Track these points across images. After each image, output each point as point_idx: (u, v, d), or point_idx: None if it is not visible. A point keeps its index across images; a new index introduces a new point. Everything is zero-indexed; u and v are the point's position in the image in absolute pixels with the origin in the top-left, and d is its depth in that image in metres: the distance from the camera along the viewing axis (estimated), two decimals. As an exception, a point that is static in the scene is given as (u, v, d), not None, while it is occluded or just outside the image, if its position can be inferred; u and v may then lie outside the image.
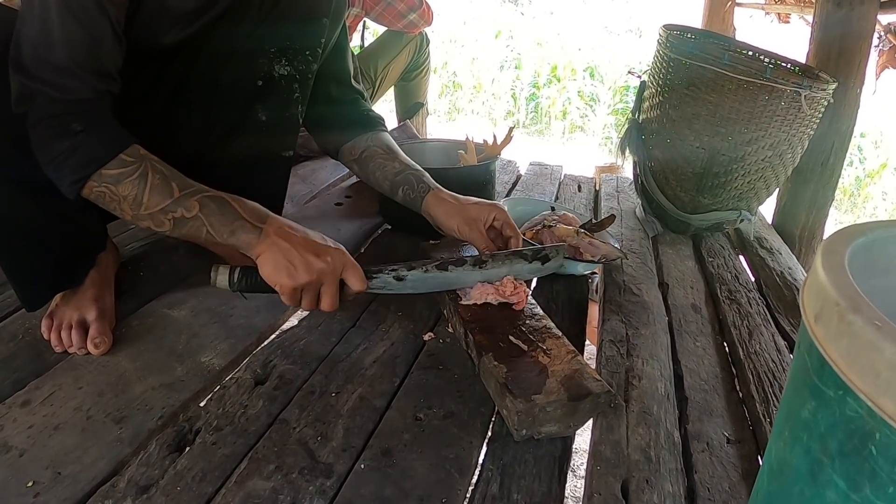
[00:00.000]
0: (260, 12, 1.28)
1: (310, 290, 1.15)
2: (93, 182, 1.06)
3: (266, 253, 1.12)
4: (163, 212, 1.09)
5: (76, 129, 1.05)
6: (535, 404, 1.00)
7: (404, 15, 2.87)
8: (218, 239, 1.12)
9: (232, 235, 1.11)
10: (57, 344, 1.19)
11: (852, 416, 0.46)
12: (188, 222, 1.10)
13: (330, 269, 1.14)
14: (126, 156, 1.07)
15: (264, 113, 1.37)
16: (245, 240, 1.12)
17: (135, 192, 1.07)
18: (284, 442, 1.00)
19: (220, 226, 1.11)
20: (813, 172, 2.31)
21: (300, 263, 1.12)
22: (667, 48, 1.93)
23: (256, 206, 1.16)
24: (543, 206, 1.90)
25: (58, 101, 1.05)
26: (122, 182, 1.06)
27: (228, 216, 1.11)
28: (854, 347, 0.46)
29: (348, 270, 1.17)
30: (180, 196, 1.09)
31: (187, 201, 1.09)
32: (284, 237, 1.13)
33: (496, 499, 0.93)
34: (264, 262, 1.12)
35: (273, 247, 1.12)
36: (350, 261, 1.18)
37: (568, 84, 9.20)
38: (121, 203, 1.08)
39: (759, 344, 1.45)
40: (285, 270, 1.12)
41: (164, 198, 1.08)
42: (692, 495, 1.00)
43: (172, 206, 1.09)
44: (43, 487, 0.89)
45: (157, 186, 1.08)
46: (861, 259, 0.60)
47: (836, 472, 0.48)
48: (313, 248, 1.14)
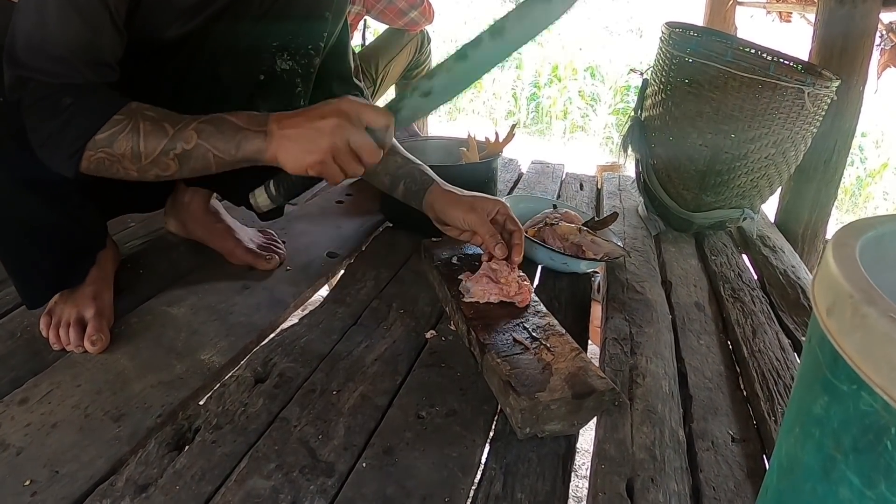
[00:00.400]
0: (262, 7, 1.28)
1: (341, 155, 1.08)
2: (89, 151, 1.04)
3: (280, 151, 1.08)
4: (163, 153, 1.07)
5: (67, 103, 1.03)
6: (538, 402, 0.99)
7: (405, 13, 2.86)
8: (227, 158, 1.09)
9: (239, 149, 1.08)
10: (55, 341, 1.18)
11: (867, 410, 0.45)
12: (192, 153, 1.07)
13: (343, 122, 1.07)
14: (118, 115, 1.06)
15: (266, 108, 1.36)
16: (254, 148, 1.09)
17: (130, 145, 1.05)
18: (285, 440, 0.99)
19: (223, 144, 1.08)
20: (816, 171, 2.30)
21: (314, 135, 1.06)
22: (669, 45, 1.92)
23: (252, 113, 1.12)
24: (546, 203, 1.89)
25: (47, 85, 1.03)
26: (116, 140, 1.05)
27: (229, 132, 1.08)
28: (869, 340, 0.45)
29: (365, 112, 1.09)
30: (175, 132, 1.07)
31: (183, 133, 1.07)
32: (288, 126, 1.08)
33: (500, 498, 0.92)
34: (284, 160, 1.09)
35: (281, 140, 1.08)
36: (361, 103, 1.10)
37: (569, 84, 9.21)
38: (122, 162, 1.06)
39: (763, 342, 1.44)
40: (304, 151, 1.07)
41: (159, 140, 1.06)
42: (697, 494, 1.00)
43: (170, 143, 1.06)
44: (40, 486, 0.88)
45: (149, 132, 1.06)
46: (870, 253, 0.59)
47: (850, 469, 0.47)
48: (317, 115, 1.08)
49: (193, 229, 1.56)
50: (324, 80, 1.46)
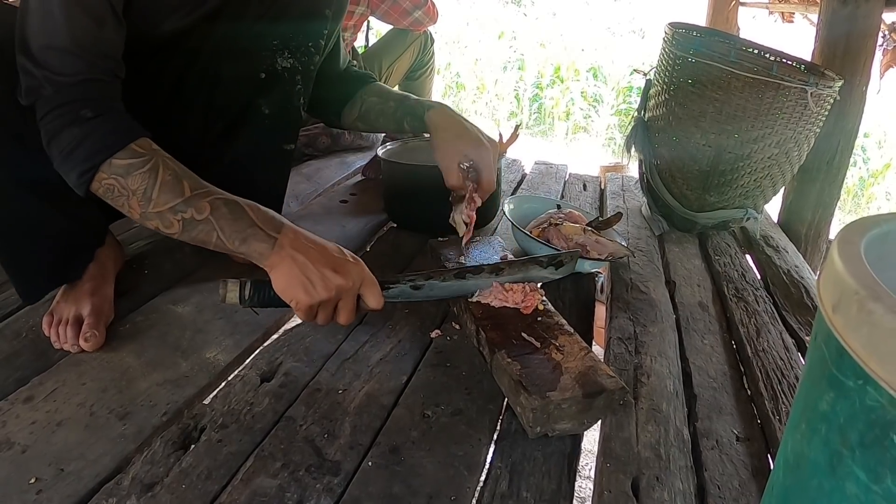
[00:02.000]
0: (263, 5, 1.28)
1: (327, 306, 1.10)
2: (102, 173, 1.03)
3: (280, 266, 1.07)
4: (172, 211, 1.05)
5: (87, 116, 1.03)
6: (550, 401, 1.00)
7: (409, 12, 2.87)
8: (229, 246, 1.07)
9: (244, 243, 1.07)
10: (56, 340, 1.18)
11: (873, 405, 0.45)
12: (198, 225, 1.06)
13: (348, 285, 1.09)
14: (137, 146, 1.05)
15: (267, 106, 1.37)
16: (258, 249, 1.07)
17: (144, 185, 1.04)
18: (291, 439, 0.99)
19: (231, 232, 1.06)
20: (819, 171, 2.31)
21: (318, 279, 1.07)
22: (672, 46, 1.92)
23: (271, 214, 1.11)
24: (549, 203, 1.89)
25: (65, 89, 1.03)
26: (132, 174, 1.04)
27: (241, 222, 1.07)
28: (875, 336, 0.45)
29: (366, 287, 1.12)
30: (191, 196, 1.05)
31: (198, 202, 1.05)
32: (300, 250, 1.08)
33: (505, 496, 0.93)
34: (279, 276, 1.08)
35: (288, 259, 1.07)
36: (368, 276, 1.13)
37: (571, 85, 9.20)
38: (129, 198, 1.05)
39: (767, 342, 1.44)
40: (301, 286, 1.07)
41: (174, 196, 1.04)
42: (702, 493, 1.00)
43: (182, 205, 1.05)
44: (45, 484, 0.88)
45: (167, 182, 1.05)
46: (876, 250, 0.59)
47: (857, 464, 0.47)
48: (331, 263, 1.08)
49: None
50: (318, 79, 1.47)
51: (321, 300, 1.08)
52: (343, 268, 1.09)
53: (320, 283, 1.07)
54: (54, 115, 1.03)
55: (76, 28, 1.03)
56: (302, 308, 1.09)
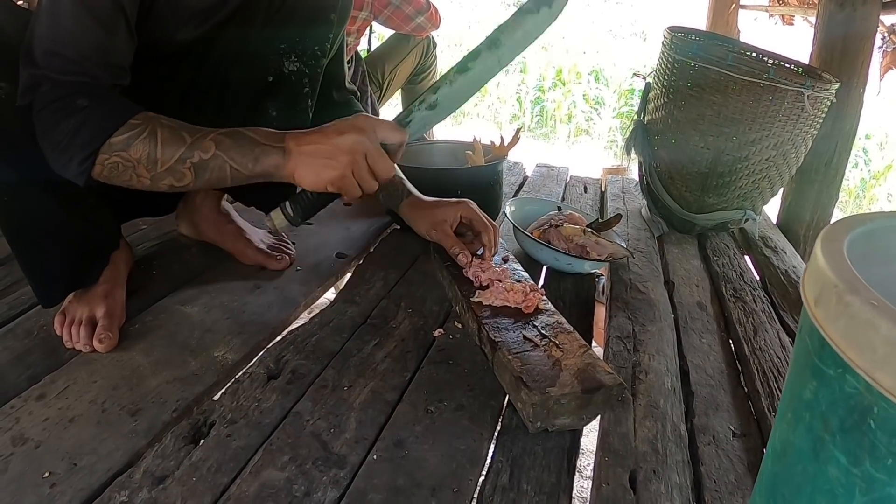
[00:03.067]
0: (270, 11, 1.30)
1: (359, 169, 1.12)
2: (103, 154, 1.05)
3: (299, 166, 1.10)
4: (180, 161, 1.07)
5: (81, 105, 1.04)
6: (549, 397, 1.02)
7: (412, 18, 2.89)
8: (244, 171, 1.10)
9: (257, 163, 1.10)
10: (68, 340, 1.20)
11: (851, 392, 0.48)
12: (208, 164, 1.08)
13: (361, 137, 1.11)
14: (133, 120, 1.07)
15: (275, 109, 1.39)
16: (272, 163, 1.10)
17: (147, 150, 1.06)
18: (298, 434, 1.01)
19: (241, 157, 1.09)
20: (817, 172, 2.33)
21: (334, 151, 1.10)
22: (671, 50, 1.95)
23: (270, 131, 1.13)
24: (550, 206, 1.91)
25: (60, 85, 1.04)
26: (133, 145, 1.05)
27: (247, 146, 1.10)
28: (852, 326, 0.48)
29: (381, 129, 1.14)
30: (193, 141, 1.08)
31: (202, 143, 1.08)
32: (306, 142, 1.11)
33: (506, 489, 0.95)
34: (303, 176, 1.11)
35: (301, 156, 1.10)
36: (375, 120, 1.15)
37: (573, 87, 9.23)
38: (136, 168, 1.07)
39: (764, 340, 1.46)
40: (324, 168, 1.10)
41: (177, 147, 1.07)
42: (699, 486, 1.02)
43: (188, 152, 1.07)
44: (59, 478, 0.90)
45: (167, 139, 1.07)
46: (861, 248, 0.61)
47: (838, 448, 0.50)
48: (336, 131, 1.11)
49: (205, 231, 1.59)
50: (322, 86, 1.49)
51: (346, 164, 1.10)
52: (346, 128, 1.12)
53: (337, 152, 1.10)
54: (50, 109, 1.04)
55: (85, 36, 1.05)
56: (337, 183, 1.12)
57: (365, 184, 1.14)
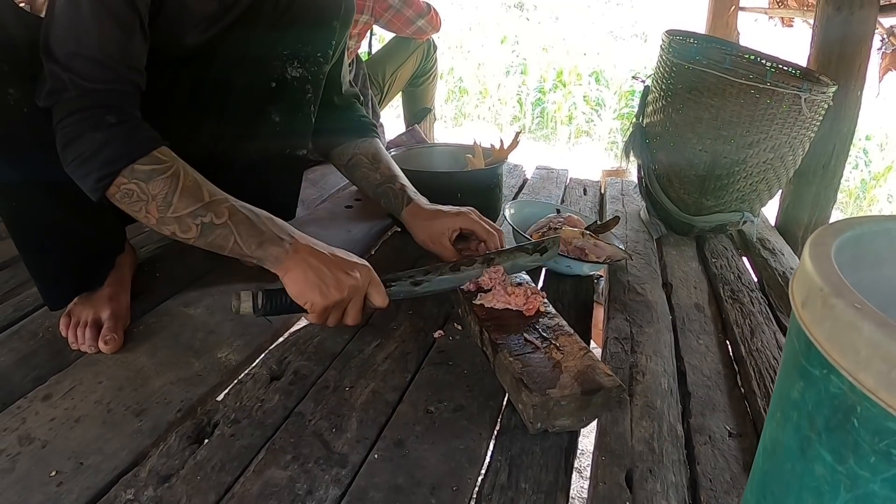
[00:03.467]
0: (273, 16, 1.32)
1: (338, 308, 1.16)
2: (122, 178, 1.05)
3: (295, 270, 1.13)
4: (192, 215, 1.08)
5: (111, 122, 1.05)
6: (549, 398, 1.04)
7: (413, 21, 2.91)
8: (245, 250, 1.12)
9: (260, 247, 1.12)
10: (73, 341, 1.21)
11: (836, 392, 0.50)
12: (216, 229, 1.10)
13: (358, 285, 1.16)
14: (160, 153, 1.08)
15: (278, 114, 1.41)
16: (273, 253, 1.13)
17: (165, 191, 1.07)
18: (300, 434, 1.03)
19: (248, 236, 1.11)
20: (815, 174, 2.34)
21: (331, 281, 1.13)
22: (669, 53, 1.96)
23: (282, 223, 1.17)
24: (549, 208, 1.93)
25: (90, 94, 1.05)
26: (154, 179, 1.06)
27: (257, 228, 1.12)
28: (836, 328, 0.49)
29: (373, 287, 1.20)
30: (210, 201, 1.10)
31: (217, 207, 1.10)
32: (313, 254, 1.14)
33: (505, 488, 0.96)
34: (293, 280, 1.13)
35: (302, 263, 1.13)
36: (375, 277, 1.21)
37: (574, 89, 9.24)
38: (148, 203, 1.07)
39: (761, 342, 1.48)
40: (316, 288, 1.13)
41: (194, 201, 1.08)
42: (694, 485, 1.03)
43: (202, 210, 1.08)
44: (66, 477, 0.92)
45: (188, 188, 1.08)
46: (849, 252, 0.63)
47: (823, 447, 0.52)
48: (342, 266, 1.15)
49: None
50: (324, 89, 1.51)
51: (335, 301, 1.14)
52: (353, 269, 1.16)
53: (333, 285, 1.13)
54: (76, 118, 1.05)
55: (106, 37, 1.06)
56: (317, 310, 1.14)
57: (332, 321, 1.18)
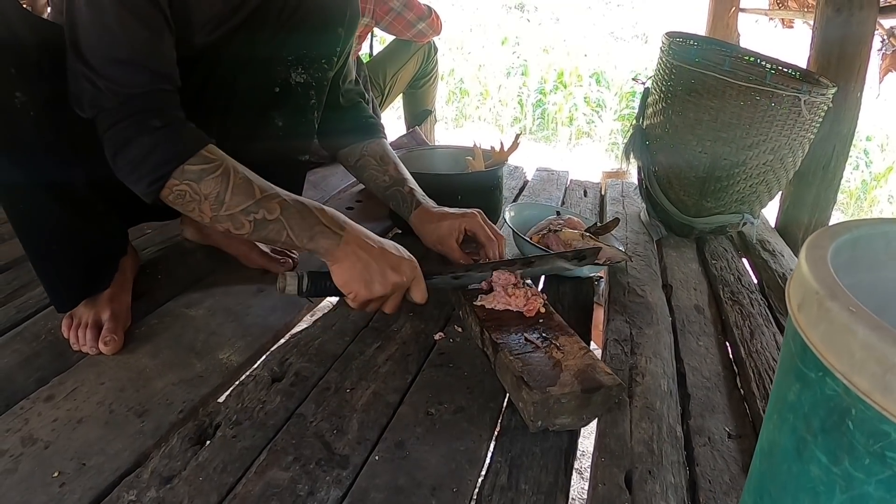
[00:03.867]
0: (278, 20, 1.32)
1: (380, 300, 1.19)
2: (174, 179, 1.07)
3: (344, 261, 1.15)
4: (244, 212, 1.10)
5: (156, 125, 1.06)
6: (550, 396, 1.04)
7: (413, 24, 2.92)
8: (297, 243, 1.14)
9: (311, 240, 1.14)
10: (74, 342, 1.21)
11: (831, 394, 0.50)
12: (269, 224, 1.12)
13: (403, 282, 1.19)
14: (207, 153, 1.09)
15: (281, 119, 1.41)
16: (325, 245, 1.15)
17: (217, 189, 1.08)
18: (302, 435, 1.04)
19: (300, 230, 1.13)
20: (815, 176, 2.34)
21: (378, 276, 1.16)
22: (669, 55, 1.97)
23: (335, 213, 1.18)
24: (549, 210, 1.93)
25: (130, 100, 1.06)
26: (205, 179, 1.08)
27: (309, 220, 1.14)
28: (831, 331, 0.50)
29: (415, 284, 1.22)
30: (262, 197, 1.11)
31: (269, 203, 1.11)
32: (364, 247, 1.16)
33: (505, 489, 0.97)
34: (342, 270, 1.16)
35: (352, 256, 1.15)
36: (419, 274, 1.23)
37: (574, 90, 9.24)
38: (201, 203, 1.09)
39: (761, 343, 1.48)
40: (363, 281, 1.15)
41: (246, 198, 1.10)
42: (694, 487, 1.04)
43: (254, 206, 1.10)
44: (68, 477, 0.92)
45: (239, 185, 1.10)
46: (846, 255, 0.64)
47: (819, 448, 0.52)
48: (391, 262, 1.18)
49: (209, 234, 1.61)
50: (330, 89, 1.52)
51: (378, 295, 1.17)
52: (400, 266, 1.19)
53: (379, 280, 1.16)
54: (121, 126, 1.06)
55: (136, 40, 1.06)
56: (359, 301, 1.18)
57: (370, 308, 1.22)
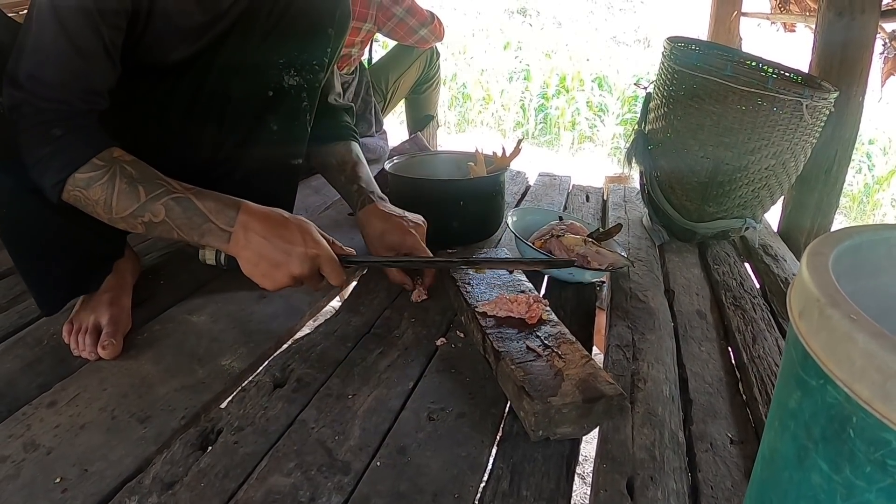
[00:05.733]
0: (267, 24, 1.33)
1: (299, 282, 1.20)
2: (69, 186, 1.10)
3: (241, 255, 1.16)
4: (132, 216, 1.12)
5: (56, 134, 1.09)
6: (551, 406, 1.04)
7: (415, 30, 2.92)
8: (189, 240, 1.16)
9: (202, 237, 1.15)
10: (75, 348, 1.22)
11: (832, 402, 0.50)
12: (158, 226, 1.14)
13: (304, 272, 1.18)
14: (98, 160, 1.11)
15: (275, 123, 1.42)
16: (216, 243, 1.16)
17: (104, 196, 1.11)
18: (303, 441, 1.04)
19: (188, 229, 1.14)
20: (817, 180, 2.34)
21: (273, 270, 1.16)
22: (671, 60, 1.97)
23: (223, 203, 1.16)
24: (552, 215, 1.93)
25: (42, 112, 1.09)
26: (92, 186, 1.10)
27: (196, 219, 1.14)
28: (832, 339, 0.50)
29: (325, 264, 1.20)
30: (146, 200, 1.12)
31: (153, 205, 1.12)
32: (252, 244, 1.15)
33: (507, 495, 0.97)
34: (243, 266, 1.17)
35: (244, 252, 1.16)
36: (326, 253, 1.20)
37: (576, 94, 9.25)
38: (95, 207, 1.12)
39: (763, 348, 1.48)
40: (262, 276, 1.17)
41: (131, 202, 1.12)
42: (696, 493, 1.03)
43: (140, 210, 1.12)
44: (70, 483, 0.92)
45: (123, 191, 1.11)
46: (848, 262, 0.64)
47: (820, 456, 0.52)
48: (285, 250, 1.16)
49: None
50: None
51: (284, 285, 1.18)
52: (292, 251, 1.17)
53: (281, 273, 1.16)
54: (30, 132, 1.09)
55: (63, 62, 1.09)
56: (271, 292, 1.20)
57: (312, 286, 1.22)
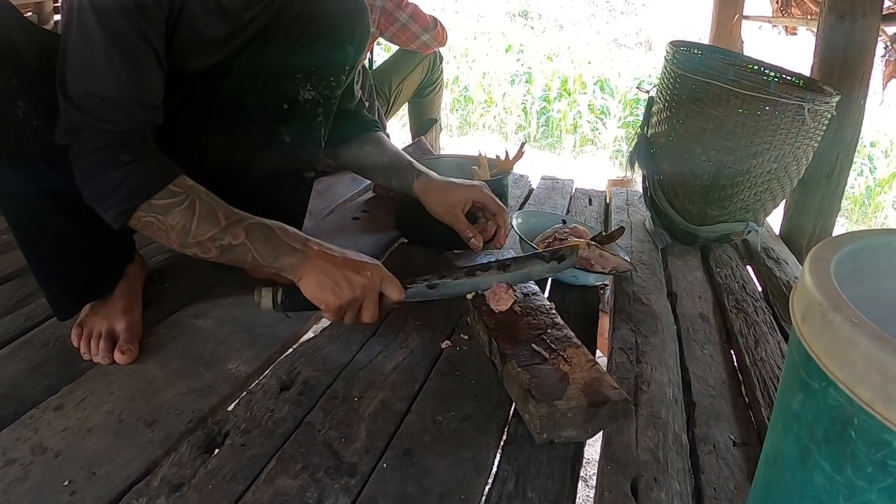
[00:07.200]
0: (288, 38, 1.33)
1: (353, 306, 1.20)
2: (141, 212, 1.10)
3: (310, 275, 1.17)
4: (210, 240, 1.14)
5: (125, 160, 1.09)
6: (556, 409, 1.05)
7: (418, 35, 2.93)
8: (263, 263, 1.17)
9: (276, 259, 1.17)
10: (86, 352, 1.22)
11: (834, 404, 0.51)
12: (235, 249, 1.15)
13: (371, 283, 1.19)
14: (174, 186, 1.12)
15: (288, 135, 1.42)
16: (289, 263, 1.17)
17: (183, 221, 1.12)
18: (310, 443, 1.05)
19: (265, 251, 1.16)
20: (819, 184, 2.35)
21: (343, 282, 1.17)
22: (673, 64, 1.98)
23: (296, 231, 1.21)
24: (555, 219, 1.93)
25: (104, 133, 1.08)
26: (171, 212, 1.11)
27: (272, 241, 1.17)
28: (834, 342, 0.51)
29: (387, 283, 1.23)
30: (227, 224, 1.14)
31: (234, 229, 1.14)
32: (325, 259, 1.18)
33: (512, 497, 0.98)
34: (309, 283, 1.18)
35: (316, 269, 1.17)
36: (387, 274, 1.24)
37: (578, 97, 9.24)
38: (168, 232, 1.13)
39: (766, 351, 1.49)
40: (330, 290, 1.17)
41: (211, 227, 1.13)
42: (699, 494, 1.04)
43: (220, 234, 1.14)
44: (78, 486, 0.93)
45: (204, 216, 1.13)
46: (849, 266, 0.64)
47: (822, 457, 0.53)
48: (353, 266, 1.19)
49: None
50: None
51: (348, 300, 1.18)
52: (364, 269, 1.20)
53: (346, 285, 1.17)
54: (93, 157, 1.08)
55: (119, 78, 1.08)
56: (331, 309, 1.19)
57: (348, 319, 1.22)
